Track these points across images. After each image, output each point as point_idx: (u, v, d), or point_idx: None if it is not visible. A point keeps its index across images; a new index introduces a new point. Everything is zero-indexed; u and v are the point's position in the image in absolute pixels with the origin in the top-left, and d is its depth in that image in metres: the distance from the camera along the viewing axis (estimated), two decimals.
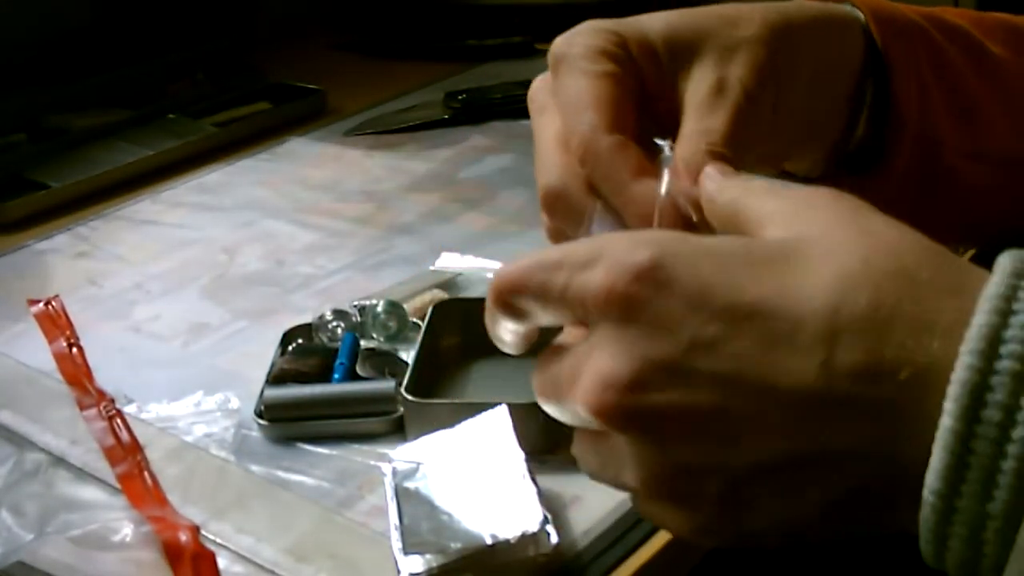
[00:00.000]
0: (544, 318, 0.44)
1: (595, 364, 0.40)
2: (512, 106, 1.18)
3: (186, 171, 1.10)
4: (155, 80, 1.27)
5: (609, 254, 0.40)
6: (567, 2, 1.44)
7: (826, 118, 0.55)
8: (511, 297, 0.44)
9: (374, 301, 0.78)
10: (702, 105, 0.50)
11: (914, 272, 0.37)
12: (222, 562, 0.59)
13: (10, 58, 1.21)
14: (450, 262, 0.87)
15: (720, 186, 0.44)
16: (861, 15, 0.56)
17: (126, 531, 0.60)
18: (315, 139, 1.17)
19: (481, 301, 0.79)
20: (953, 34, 0.59)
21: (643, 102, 0.52)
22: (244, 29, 1.42)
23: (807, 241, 0.39)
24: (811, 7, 0.55)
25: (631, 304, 0.39)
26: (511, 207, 0.98)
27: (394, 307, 0.77)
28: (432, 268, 0.86)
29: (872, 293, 0.37)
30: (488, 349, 0.75)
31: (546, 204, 0.51)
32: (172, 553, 0.58)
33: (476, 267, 0.86)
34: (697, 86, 0.50)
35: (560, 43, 0.53)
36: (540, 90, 0.54)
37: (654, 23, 0.53)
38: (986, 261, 0.38)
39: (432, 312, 0.74)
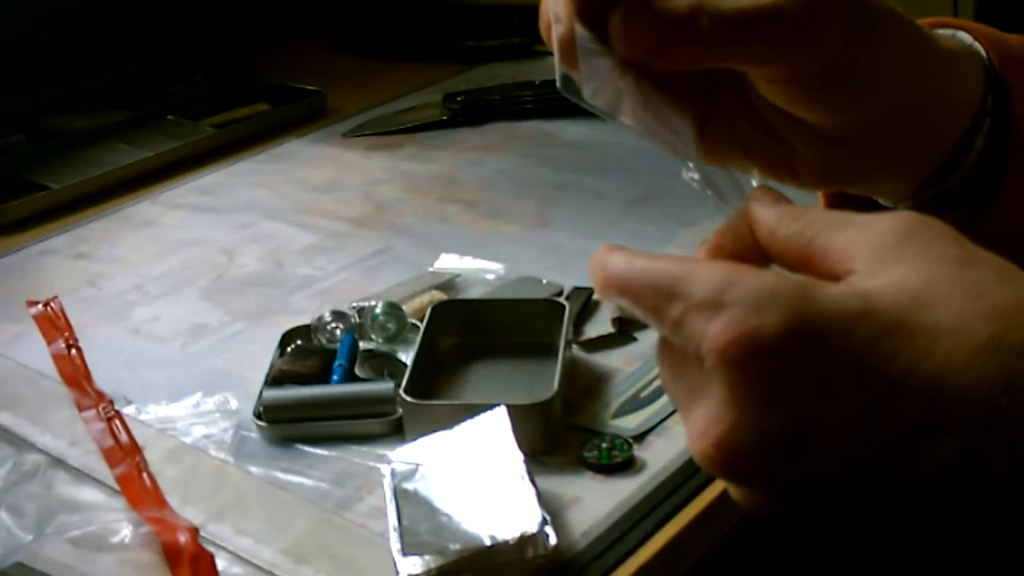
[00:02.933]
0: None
1: (705, 414, 0.38)
2: (511, 107, 1.18)
3: (185, 172, 1.10)
4: (154, 81, 1.27)
5: (734, 305, 0.37)
6: None
7: (927, 135, 0.53)
8: (616, 295, 0.41)
9: (373, 302, 0.78)
10: None
11: None
12: (221, 563, 0.59)
13: (9, 60, 1.21)
14: (449, 263, 0.87)
15: (778, 218, 0.41)
16: (982, 51, 0.54)
17: (125, 532, 0.60)
18: (314, 140, 1.17)
19: (480, 303, 0.80)
20: None
21: None
22: (243, 30, 1.42)
23: (918, 299, 0.37)
24: (937, 37, 0.52)
25: (752, 369, 0.36)
26: (510, 208, 0.98)
27: (393, 308, 0.77)
28: (431, 269, 0.86)
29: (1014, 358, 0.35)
30: (487, 350, 0.76)
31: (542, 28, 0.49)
32: (171, 554, 0.58)
33: (475, 268, 0.86)
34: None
35: None
36: None
37: None
38: None
39: (431, 313, 0.74)
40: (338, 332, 0.76)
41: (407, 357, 0.72)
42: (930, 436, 0.36)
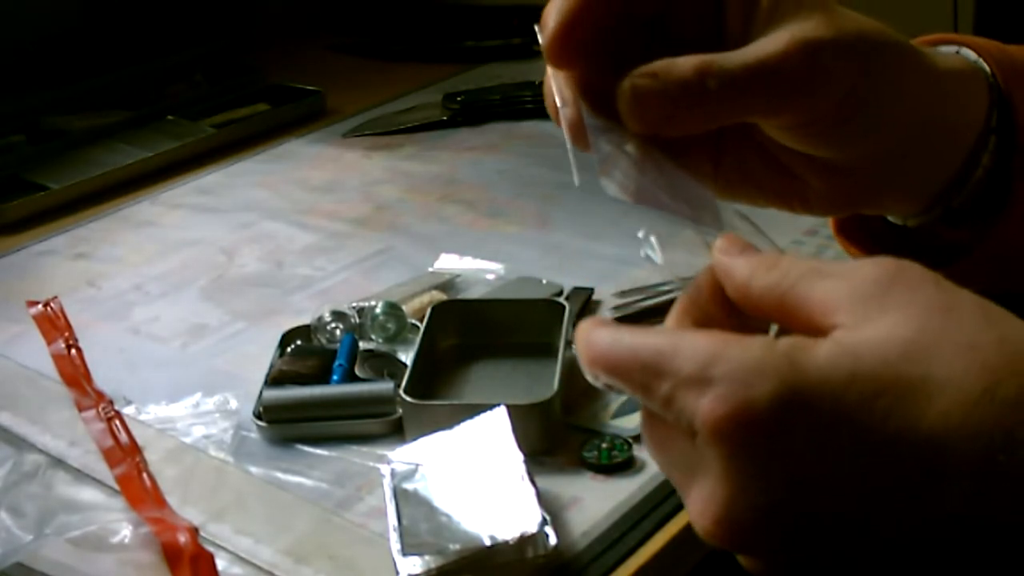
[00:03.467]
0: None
1: (703, 491, 0.38)
2: (511, 107, 1.18)
3: (185, 172, 1.10)
4: (154, 81, 1.27)
5: (722, 381, 0.36)
6: None
7: (936, 156, 0.53)
8: (603, 374, 0.40)
9: (373, 302, 0.78)
10: (755, 43, 0.46)
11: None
12: (221, 563, 0.59)
13: (9, 60, 1.21)
14: (449, 263, 0.87)
15: (751, 270, 0.40)
16: (986, 67, 0.54)
17: (125, 532, 0.60)
18: (314, 140, 1.17)
19: (480, 303, 0.80)
20: None
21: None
22: (243, 30, 1.42)
23: (908, 354, 0.36)
24: (939, 57, 0.52)
25: (744, 444, 0.36)
26: (510, 208, 0.98)
27: (393, 308, 0.77)
28: (431, 270, 0.86)
29: (1011, 411, 0.35)
30: (486, 350, 0.76)
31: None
32: (171, 554, 0.58)
33: (475, 268, 0.86)
34: (775, 31, 0.47)
35: None
36: None
37: None
38: None
39: (431, 313, 0.74)
40: (338, 332, 0.76)
41: (407, 357, 0.73)
42: (928, 494, 0.35)
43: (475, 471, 0.60)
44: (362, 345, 0.75)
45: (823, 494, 0.36)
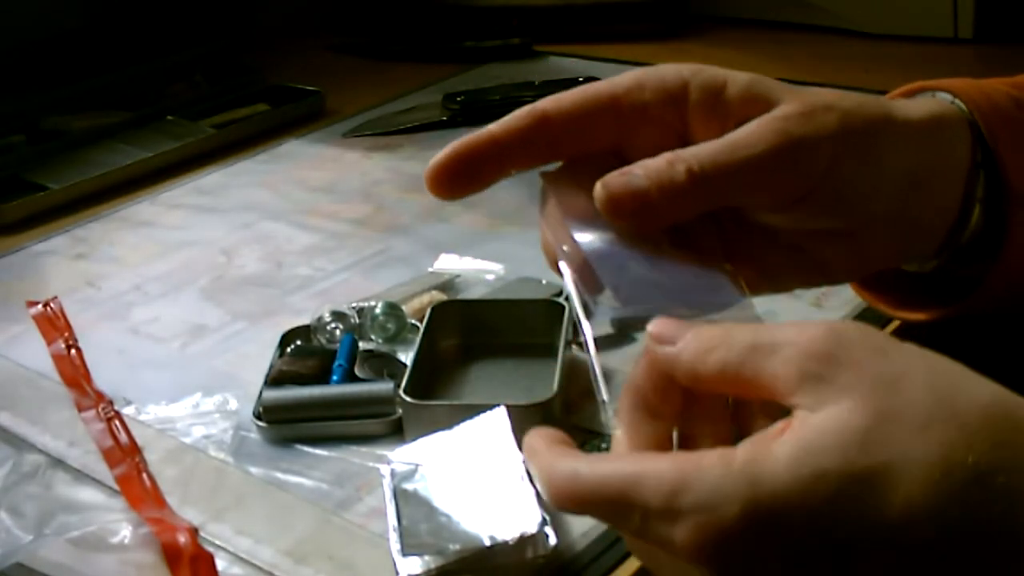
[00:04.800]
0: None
1: None
2: (510, 107, 1.16)
3: (184, 173, 1.10)
4: (153, 82, 1.27)
5: (692, 510, 0.37)
6: (564, 4, 1.44)
7: (934, 214, 0.54)
8: (567, 507, 0.41)
9: (373, 303, 0.78)
10: (727, 135, 0.48)
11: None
12: (221, 564, 0.59)
13: (8, 60, 1.21)
14: (449, 264, 0.87)
15: (693, 357, 0.41)
16: (962, 107, 0.54)
17: (125, 533, 0.60)
18: (313, 140, 1.17)
19: (479, 303, 0.80)
20: None
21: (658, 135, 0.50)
22: (242, 31, 1.42)
23: (865, 445, 0.36)
24: (917, 106, 0.53)
25: (722, 562, 0.37)
26: (509, 208, 0.98)
27: (393, 309, 0.77)
28: (431, 270, 0.86)
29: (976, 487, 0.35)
30: (486, 350, 0.76)
31: None
32: (171, 555, 0.58)
33: (475, 268, 0.86)
34: (747, 123, 0.48)
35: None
36: None
37: (741, 76, 0.51)
38: None
39: (431, 314, 0.74)
40: (338, 332, 0.76)
41: (407, 357, 0.72)
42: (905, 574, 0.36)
43: (475, 471, 0.60)
44: (362, 345, 0.75)
45: None
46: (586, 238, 0.47)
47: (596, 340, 0.76)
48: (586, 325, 0.47)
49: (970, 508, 0.35)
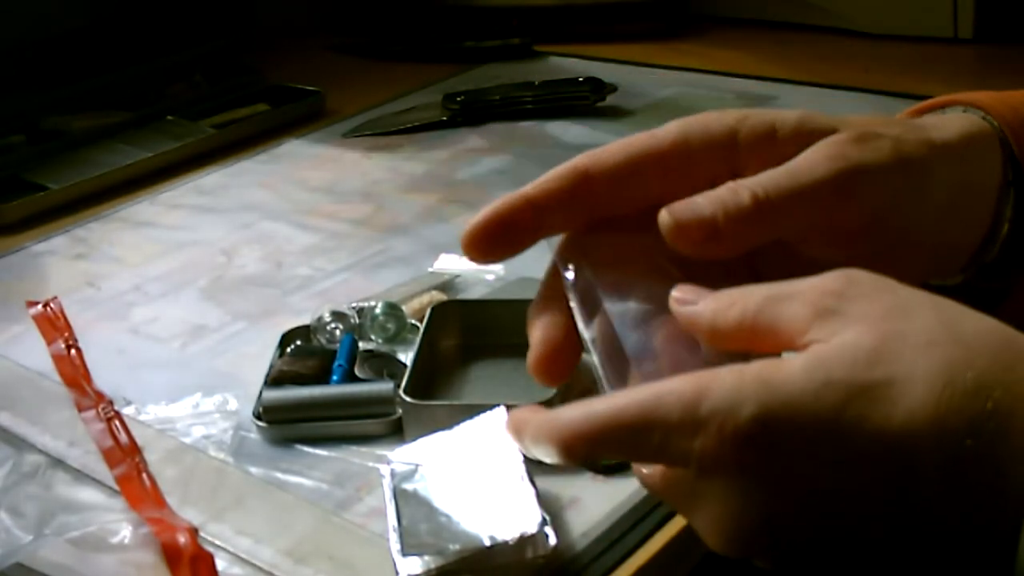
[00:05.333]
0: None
1: (710, 513, 0.41)
2: (510, 108, 1.18)
3: (184, 173, 1.10)
4: (153, 82, 1.27)
5: (711, 417, 0.38)
6: (564, 4, 1.44)
7: (965, 233, 0.54)
8: (580, 449, 0.42)
9: (373, 303, 0.78)
10: (787, 163, 0.48)
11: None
12: (221, 564, 0.59)
13: (9, 60, 1.21)
14: (448, 264, 0.87)
15: (713, 314, 0.42)
16: (993, 123, 0.55)
17: (124, 533, 0.60)
18: (313, 141, 1.17)
19: (479, 303, 0.80)
20: None
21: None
22: (242, 31, 1.42)
23: (872, 359, 0.38)
24: (950, 124, 0.53)
25: (740, 464, 0.39)
26: None
27: (392, 309, 0.77)
28: (431, 270, 0.86)
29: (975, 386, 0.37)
30: (486, 351, 0.76)
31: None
32: (171, 555, 0.58)
33: (475, 269, 0.86)
34: (804, 151, 0.48)
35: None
36: None
37: (788, 115, 0.50)
38: None
39: (430, 314, 0.74)
40: (338, 332, 0.76)
41: (407, 357, 0.72)
42: (906, 491, 0.38)
43: (475, 471, 0.60)
44: (362, 345, 0.75)
45: (814, 499, 0.39)
46: (618, 308, 0.47)
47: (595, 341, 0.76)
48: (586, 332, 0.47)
49: (966, 420, 0.37)
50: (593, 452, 0.42)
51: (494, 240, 0.49)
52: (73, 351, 0.79)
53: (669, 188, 0.49)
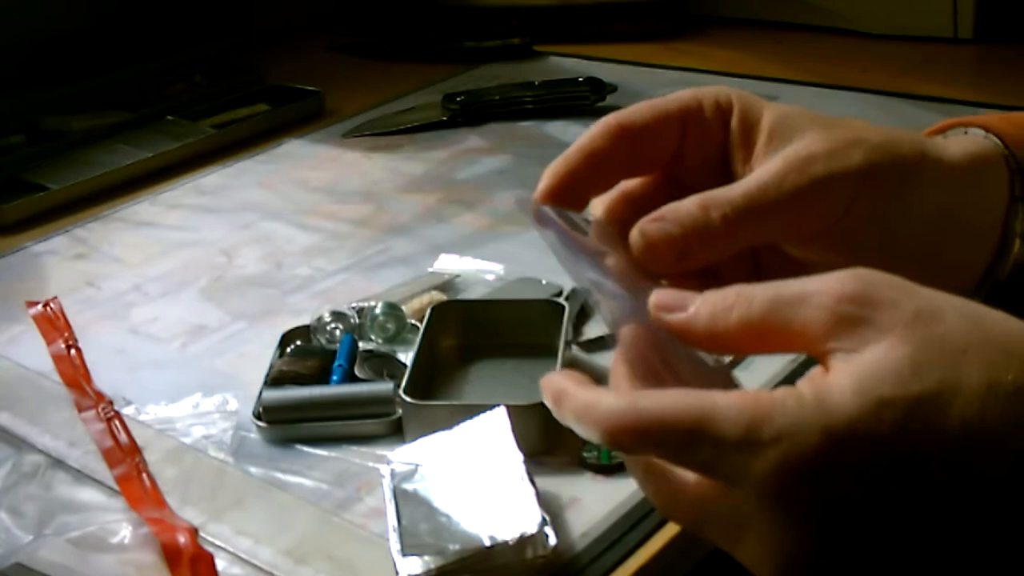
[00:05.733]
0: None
1: (764, 543, 0.40)
2: (510, 107, 1.18)
3: (184, 173, 1.10)
4: (153, 82, 1.27)
5: (774, 442, 0.38)
6: (564, 4, 1.44)
7: (970, 252, 0.54)
8: (627, 443, 0.41)
9: (372, 303, 0.78)
10: (754, 172, 0.49)
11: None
12: (220, 564, 0.59)
13: (8, 60, 1.22)
14: (448, 264, 0.87)
15: (710, 317, 0.42)
16: (998, 141, 0.55)
17: (124, 533, 0.60)
18: (313, 141, 1.17)
19: (479, 303, 0.80)
20: None
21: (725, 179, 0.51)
22: (242, 31, 1.42)
23: (916, 371, 0.38)
24: (954, 146, 0.53)
25: (805, 494, 0.38)
26: (508, 208, 0.98)
27: (392, 309, 0.77)
28: (430, 270, 0.86)
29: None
30: (486, 351, 0.76)
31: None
32: (171, 555, 0.58)
33: (475, 269, 0.86)
34: (773, 157, 0.49)
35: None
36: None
37: (774, 106, 0.52)
38: None
39: (430, 314, 0.74)
40: (337, 332, 0.76)
41: (406, 358, 0.72)
42: (968, 496, 0.38)
43: (475, 471, 0.60)
44: (362, 345, 0.75)
45: (879, 524, 0.38)
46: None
47: (596, 340, 0.76)
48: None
49: (1012, 422, 0.37)
50: (639, 448, 0.41)
51: (562, 200, 0.50)
52: (73, 351, 0.79)
53: (683, 144, 0.51)
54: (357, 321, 0.77)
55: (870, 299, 0.40)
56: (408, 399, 0.66)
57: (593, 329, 0.77)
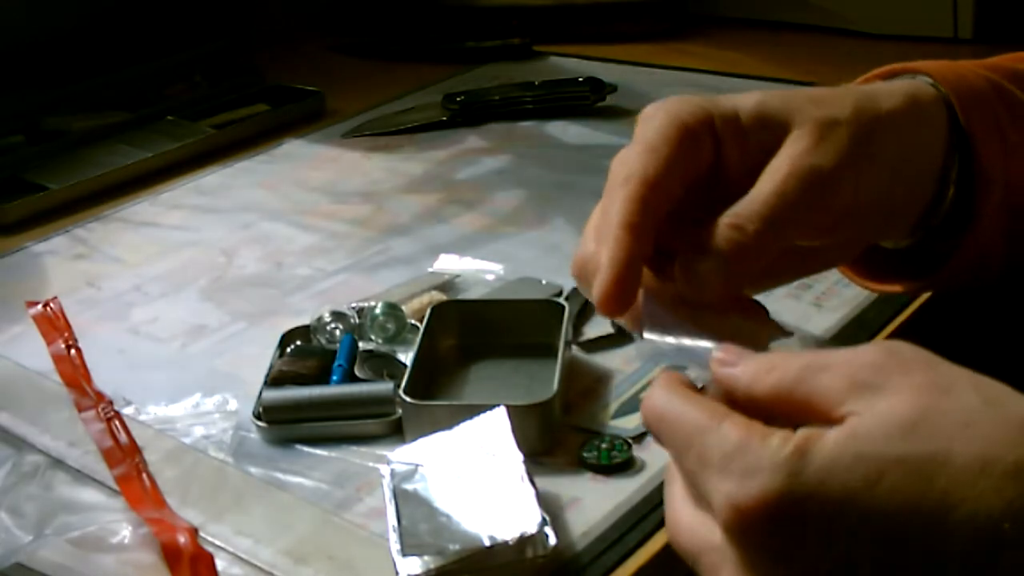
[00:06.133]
0: None
1: None
2: (510, 108, 1.18)
3: (184, 173, 1.10)
4: (153, 82, 1.27)
5: (740, 473, 0.39)
6: (564, 4, 1.44)
7: (912, 196, 0.56)
8: (648, 423, 0.44)
9: (372, 303, 0.78)
10: (761, 179, 0.50)
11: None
12: (220, 564, 0.59)
13: (8, 60, 1.21)
14: (448, 264, 0.87)
15: (751, 378, 0.42)
16: (940, 90, 0.56)
17: (124, 533, 0.60)
18: (313, 141, 1.17)
19: (479, 303, 0.80)
20: None
21: (725, 181, 0.52)
22: (242, 31, 1.42)
23: (909, 433, 0.38)
24: (897, 91, 0.55)
25: (756, 535, 0.38)
26: (508, 208, 0.98)
27: (392, 309, 0.77)
28: (430, 270, 0.86)
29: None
30: (486, 350, 0.76)
31: (573, 273, 0.52)
32: (170, 555, 0.58)
33: (474, 269, 0.86)
34: (770, 163, 0.51)
35: (648, 108, 0.53)
36: (621, 162, 0.53)
37: (747, 100, 0.53)
38: None
39: (430, 314, 0.74)
40: (337, 333, 0.76)
41: (406, 358, 0.72)
42: (938, 568, 0.36)
43: (475, 471, 0.60)
44: (362, 345, 0.75)
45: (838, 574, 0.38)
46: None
47: (596, 340, 0.76)
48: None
49: (1005, 502, 0.36)
50: (654, 435, 0.43)
51: (624, 303, 0.50)
52: (73, 351, 0.79)
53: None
54: (357, 321, 0.77)
55: (886, 367, 0.40)
56: (408, 399, 0.66)
57: (593, 329, 0.77)
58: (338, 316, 0.77)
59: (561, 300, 0.76)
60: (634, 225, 0.49)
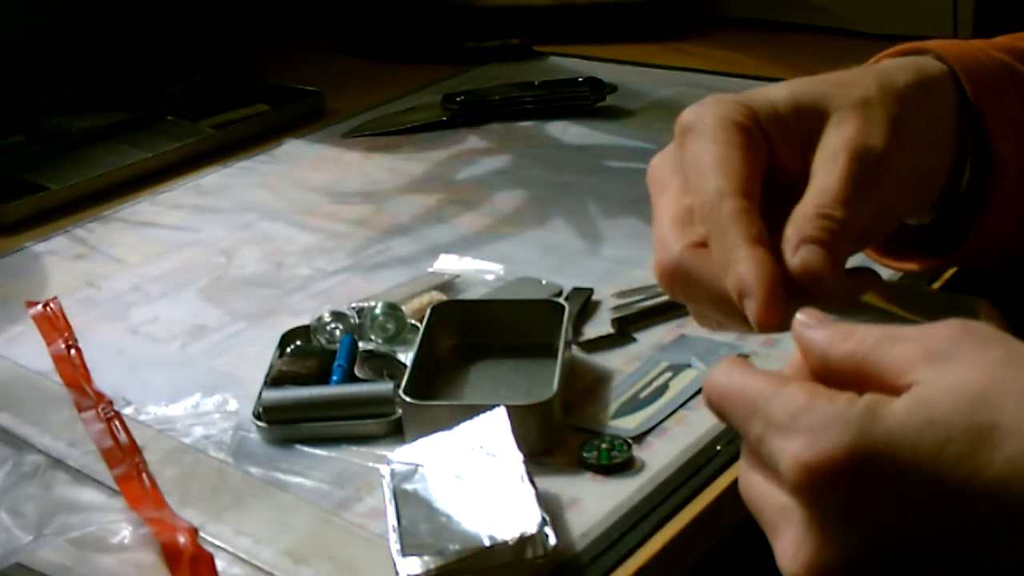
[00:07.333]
0: None
1: (792, 538, 0.40)
2: (510, 108, 1.18)
3: (184, 173, 1.10)
4: (153, 82, 1.27)
5: (807, 430, 0.39)
6: (564, 4, 1.44)
7: (935, 168, 0.56)
8: (712, 404, 0.43)
9: (372, 303, 0.78)
10: (819, 168, 0.50)
11: None
12: (220, 564, 0.59)
13: (8, 60, 1.21)
14: (448, 264, 0.87)
15: (828, 342, 0.43)
16: (947, 67, 0.56)
17: (124, 533, 0.60)
18: (313, 141, 1.17)
19: (479, 303, 0.80)
20: None
21: (774, 175, 0.52)
22: (242, 31, 1.42)
23: (977, 402, 0.38)
24: (907, 67, 0.55)
25: (826, 493, 0.38)
26: (508, 208, 0.98)
27: (392, 309, 0.77)
28: (430, 270, 0.86)
29: None
30: (486, 351, 0.76)
31: (662, 281, 0.52)
32: (170, 555, 0.58)
33: (474, 269, 0.86)
34: (820, 151, 0.51)
35: (688, 113, 0.52)
36: (660, 167, 0.53)
37: (778, 92, 0.53)
38: None
39: (430, 314, 0.74)
40: (337, 333, 0.76)
41: (406, 358, 0.72)
42: (1002, 537, 0.37)
43: (475, 472, 0.60)
44: (362, 346, 0.75)
45: (902, 540, 0.38)
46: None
47: (596, 340, 0.76)
48: None
49: None
50: (716, 411, 0.43)
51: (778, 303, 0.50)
52: (73, 351, 0.79)
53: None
54: (357, 321, 0.77)
55: (959, 340, 0.40)
56: (408, 399, 0.66)
57: (593, 329, 0.77)
58: (338, 316, 0.77)
59: (561, 300, 0.76)
60: (757, 237, 0.49)
